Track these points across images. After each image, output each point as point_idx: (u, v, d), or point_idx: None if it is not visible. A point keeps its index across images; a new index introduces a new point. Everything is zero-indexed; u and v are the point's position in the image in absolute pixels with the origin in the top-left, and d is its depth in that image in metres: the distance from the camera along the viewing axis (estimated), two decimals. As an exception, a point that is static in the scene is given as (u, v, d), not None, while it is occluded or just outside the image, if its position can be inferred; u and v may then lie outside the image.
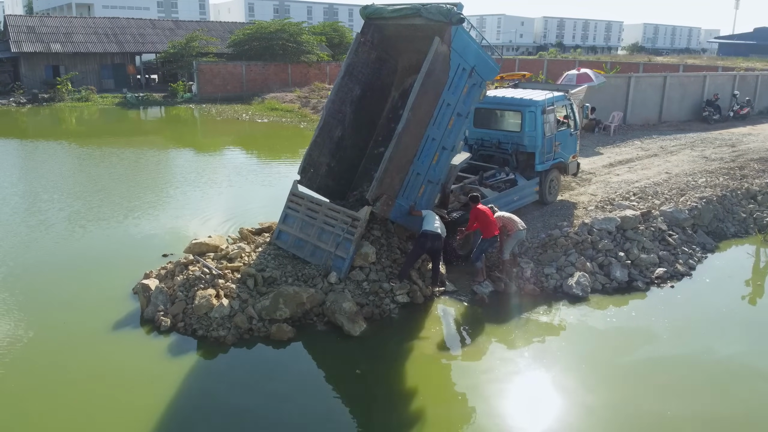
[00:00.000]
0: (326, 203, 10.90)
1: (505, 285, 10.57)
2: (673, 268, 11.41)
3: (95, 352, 8.66)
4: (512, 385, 8.16)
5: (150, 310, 9.32)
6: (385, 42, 11.79)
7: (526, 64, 52.59)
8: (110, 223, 14.21)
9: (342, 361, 8.72)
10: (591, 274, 10.84)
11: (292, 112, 34.69)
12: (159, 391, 7.71)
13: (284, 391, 7.85)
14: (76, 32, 44.17)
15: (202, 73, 41.02)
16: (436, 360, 8.74)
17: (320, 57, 46.05)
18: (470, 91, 10.94)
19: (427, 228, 9.92)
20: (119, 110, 36.85)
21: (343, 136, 11.79)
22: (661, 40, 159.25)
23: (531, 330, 9.45)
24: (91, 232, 13.62)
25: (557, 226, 12.35)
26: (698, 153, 19.78)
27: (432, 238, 9.92)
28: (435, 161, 10.77)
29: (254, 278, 9.67)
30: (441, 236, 9.99)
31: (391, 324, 9.49)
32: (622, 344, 9.14)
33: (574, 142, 14.35)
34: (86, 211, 15.05)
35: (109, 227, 13.97)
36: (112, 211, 15.15)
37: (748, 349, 9.13)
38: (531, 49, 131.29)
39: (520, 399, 7.85)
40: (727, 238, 13.49)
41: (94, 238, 13.26)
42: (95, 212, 15.00)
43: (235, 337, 8.75)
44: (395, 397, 7.88)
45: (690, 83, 28.08)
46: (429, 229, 9.90)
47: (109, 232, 13.68)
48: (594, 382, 8.12)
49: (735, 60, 65.99)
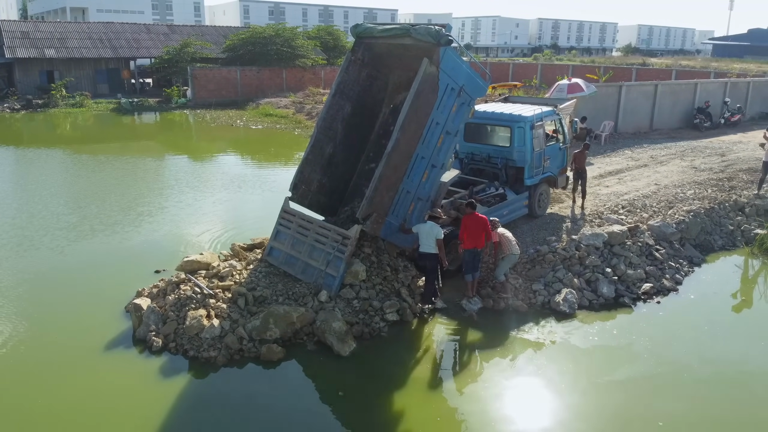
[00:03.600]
0: (317, 221, 11.03)
1: (504, 303, 10.68)
2: (660, 283, 11.57)
3: (88, 371, 8.77)
4: (499, 404, 8.29)
5: (142, 330, 9.42)
6: (376, 60, 11.92)
7: (520, 68, 52.76)
8: (103, 236, 14.30)
9: (331, 381, 8.83)
10: (578, 291, 10.99)
11: (287, 118, 34.81)
12: (150, 410, 7.82)
13: (274, 412, 7.97)
14: (71, 37, 44.18)
15: (197, 79, 41.11)
16: (425, 378, 8.84)
17: (315, 61, 46.17)
18: (459, 109, 11.07)
19: (421, 250, 10.35)
20: (114, 116, 36.90)
21: (334, 152, 11.92)
22: (655, 42, 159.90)
23: (518, 348, 9.58)
24: (83, 246, 13.71)
25: (546, 241, 12.50)
26: (688, 163, 19.97)
27: (424, 258, 10.25)
28: (425, 179, 10.90)
29: (245, 297, 9.78)
30: (433, 256, 10.18)
31: (381, 342, 9.61)
32: (603, 363, 9.26)
33: (563, 156, 14.51)
34: (78, 224, 15.12)
35: (101, 240, 14.05)
36: (104, 223, 15.23)
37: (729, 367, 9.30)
38: (526, 50, 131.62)
39: (507, 417, 7.98)
40: (714, 251, 13.67)
41: (86, 252, 13.35)
42: (88, 224, 15.07)
43: (225, 357, 8.86)
44: (384, 416, 7.99)
45: (681, 91, 28.29)
46: (421, 250, 10.34)
47: (101, 245, 13.77)
48: (576, 399, 8.26)
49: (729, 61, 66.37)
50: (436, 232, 10.09)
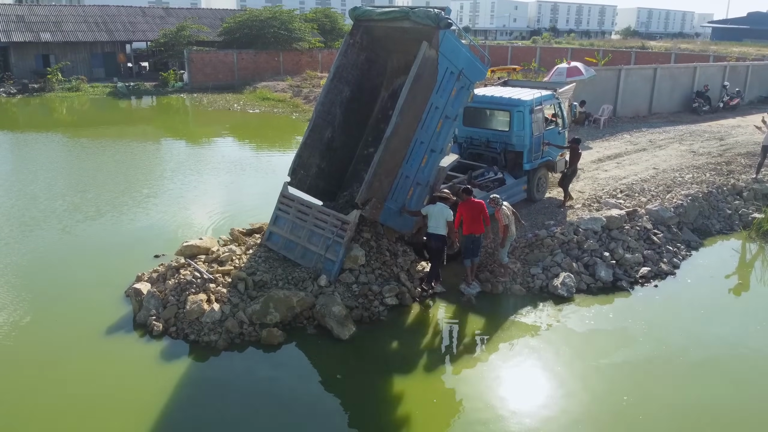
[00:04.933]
0: (316, 206, 11.03)
1: (503, 287, 10.73)
2: (657, 267, 11.63)
3: (89, 355, 8.84)
4: (497, 386, 8.38)
5: (142, 315, 9.47)
6: (374, 43, 11.85)
7: (519, 51, 52.42)
8: (102, 221, 14.31)
9: (332, 364, 8.91)
10: (576, 275, 11.04)
11: (284, 102, 34.63)
12: (152, 394, 7.90)
13: (275, 395, 8.05)
14: (66, 21, 43.76)
15: (193, 62, 40.83)
16: (423, 361, 8.91)
17: (312, 44, 45.85)
18: (458, 93, 11.03)
19: (429, 231, 10.35)
20: (110, 100, 36.68)
21: (332, 137, 11.89)
22: (654, 25, 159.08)
23: (515, 332, 9.65)
24: (83, 230, 13.73)
25: (544, 226, 12.53)
26: (686, 147, 19.97)
27: (432, 239, 10.33)
28: (424, 164, 10.90)
29: (245, 282, 9.82)
30: (440, 237, 10.22)
31: (381, 326, 9.68)
32: (600, 346, 9.34)
33: (562, 140, 14.48)
34: (78, 207, 15.11)
35: (100, 225, 14.07)
36: (103, 207, 15.23)
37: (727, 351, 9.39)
38: (525, 33, 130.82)
39: (506, 397, 8.07)
40: (712, 235, 13.72)
41: (86, 236, 13.38)
42: (88, 208, 15.07)
43: (226, 341, 8.92)
44: (384, 398, 8.07)
45: (680, 74, 28.18)
46: (429, 231, 10.35)
47: (101, 229, 13.79)
48: (572, 381, 8.35)
49: (728, 45, 66.10)
50: (447, 214, 10.08)
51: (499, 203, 10.68)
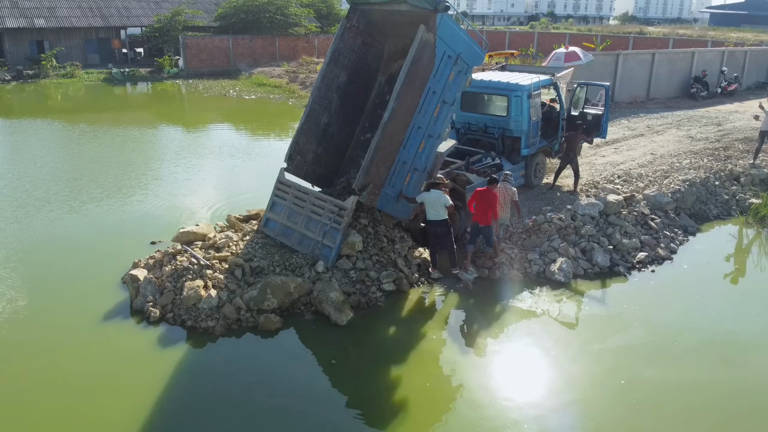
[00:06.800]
0: (313, 192, 10.99)
1: (499, 272, 10.70)
2: (655, 252, 11.64)
3: (86, 341, 8.83)
4: (493, 371, 8.41)
5: (139, 301, 9.45)
6: (371, 27, 11.73)
7: (516, 36, 52.10)
8: (98, 207, 14.23)
9: (329, 349, 8.92)
10: (573, 260, 11.05)
11: (280, 88, 34.42)
12: (149, 380, 7.89)
13: (272, 381, 8.06)
14: (60, 6, 43.23)
15: (189, 48, 40.50)
16: (421, 347, 8.92)
17: (308, 29, 45.49)
18: (456, 78, 10.94)
19: (428, 218, 10.25)
20: (105, 86, 36.41)
21: (329, 122, 11.81)
22: (652, 10, 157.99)
23: (512, 317, 9.68)
24: (78, 216, 13.67)
25: (542, 211, 12.51)
26: (684, 132, 19.92)
27: (433, 226, 10.22)
28: (421, 149, 10.83)
29: (242, 268, 9.80)
30: (443, 222, 10.16)
31: (378, 312, 9.68)
32: (597, 331, 9.38)
33: (561, 126, 14.40)
34: (73, 194, 15.03)
35: (96, 211, 14.00)
36: (99, 193, 15.15)
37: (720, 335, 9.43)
38: (522, 18, 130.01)
39: (502, 382, 8.10)
40: (709, 221, 13.72)
41: (82, 224, 13.32)
42: (83, 194, 14.99)
43: (223, 327, 8.91)
44: (382, 383, 8.08)
45: (678, 60, 28.07)
46: (429, 218, 10.24)
47: (97, 217, 13.72)
48: (569, 365, 8.38)
49: (726, 30, 65.75)
50: (444, 200, 10.02)
51: (509, 180, 10.99)
